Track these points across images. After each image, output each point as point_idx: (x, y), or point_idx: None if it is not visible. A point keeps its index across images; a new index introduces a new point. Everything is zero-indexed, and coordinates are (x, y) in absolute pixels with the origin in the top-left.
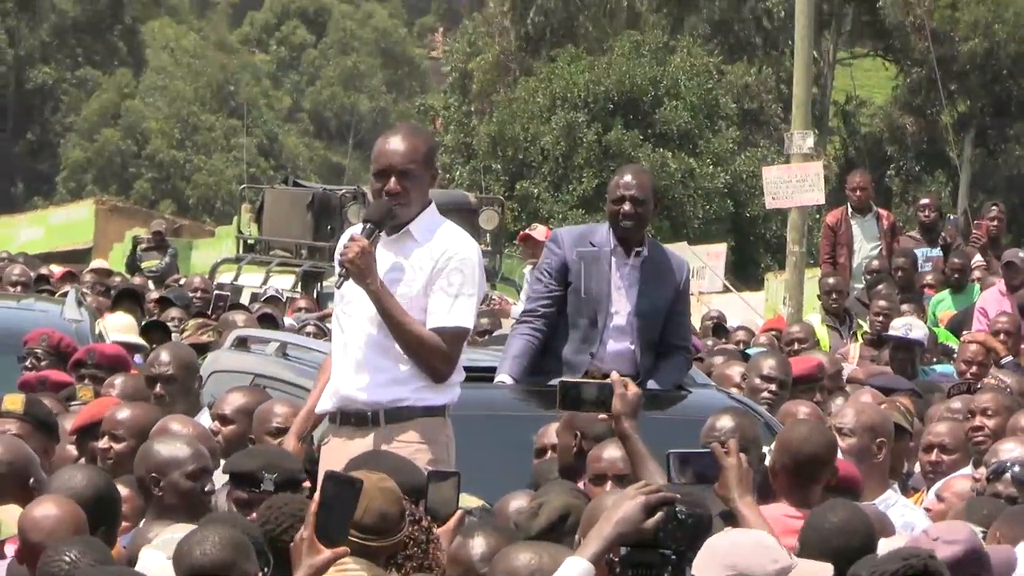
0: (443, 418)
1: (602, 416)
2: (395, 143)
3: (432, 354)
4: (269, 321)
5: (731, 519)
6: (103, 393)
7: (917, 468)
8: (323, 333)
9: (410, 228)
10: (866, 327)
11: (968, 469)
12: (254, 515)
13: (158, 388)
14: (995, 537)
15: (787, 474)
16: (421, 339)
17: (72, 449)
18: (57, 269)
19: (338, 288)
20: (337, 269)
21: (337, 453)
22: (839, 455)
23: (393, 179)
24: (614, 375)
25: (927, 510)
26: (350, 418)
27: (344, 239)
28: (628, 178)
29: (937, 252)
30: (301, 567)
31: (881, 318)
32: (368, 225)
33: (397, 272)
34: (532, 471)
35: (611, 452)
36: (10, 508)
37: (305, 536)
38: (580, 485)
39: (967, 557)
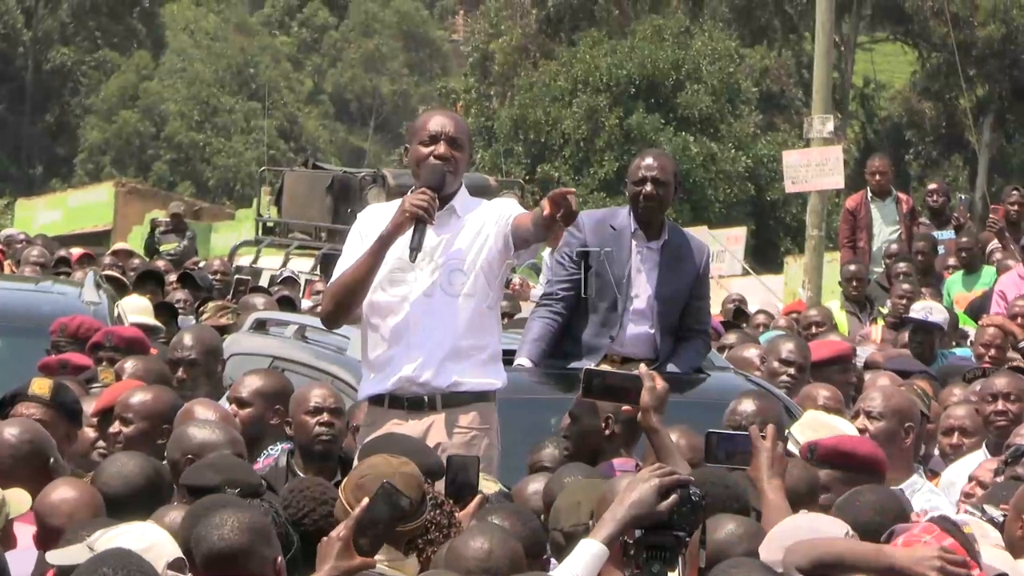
0: (494, 403)
1: (626, 408)
2: (445, 115)
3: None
4: (287, 303)
5: None
6: (116, 375)
7: (936, 451)
8: None
9: (454, 204)
10: (886, 311)
11: (980, 453)
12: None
13: (180, 372)
14: (1017, 516)
15: None
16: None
17: (90, 432)
18: (76, 251)
19: (413, 261)
20: (410, 243)
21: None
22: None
23: (443, 144)
24: (642, 367)
25: (967, 495)
26: (403, 402)
27: (369, 220)
28: (650, 160)
29: (950, 234)
30: (328, 566)
31: (904, 301)
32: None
33: (447, 250)
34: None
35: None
36: (17, 490)
37: (341, 536)
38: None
39: None
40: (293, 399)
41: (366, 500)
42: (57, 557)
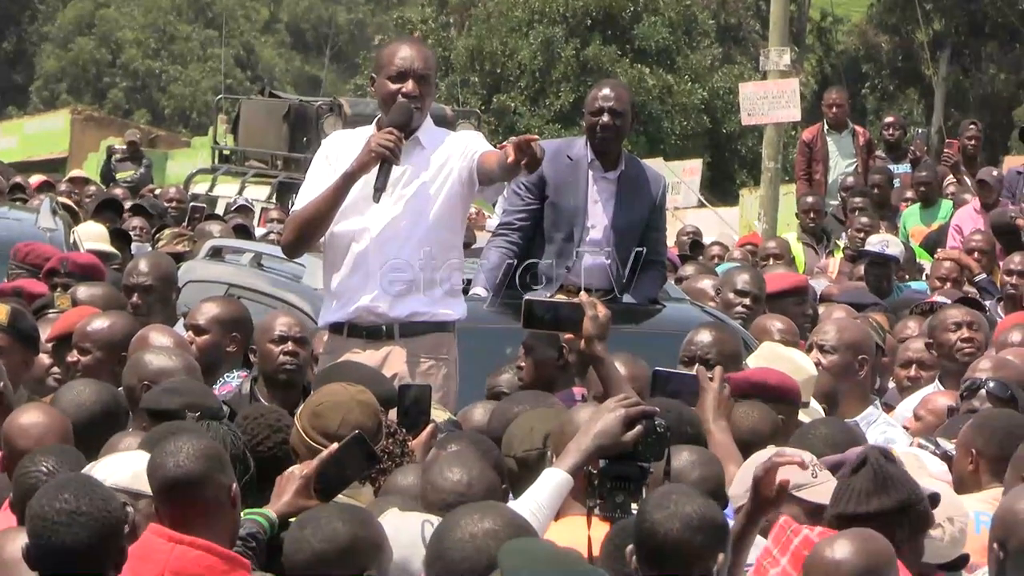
0: (453, 333)
1: (568, 336)
2: (413, 49)
3: None
4: (242, 231)
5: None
6: (72, 301)
7: (891, 384)
8: None
9: (419, 136)
10: (842, 244)
11: (934, 386)
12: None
13: (135, 298)
14: (966, 452)
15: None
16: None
17: (45, 358)
18: (35, 179)
19: (376, 201)
20: (374, 183)
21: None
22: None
23: (411, 81)
24: (583, 296)
25: (905, 428)
26: (361, 331)
27: (336, 145)
28: (607, 91)
29: (906, 167)
30: (284, 502)
31: (861, 234)
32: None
33: (411, 181)
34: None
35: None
36: None
37: (301, 475)
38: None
39: None
40: (258, 327)
41: (335, 445)
42: None
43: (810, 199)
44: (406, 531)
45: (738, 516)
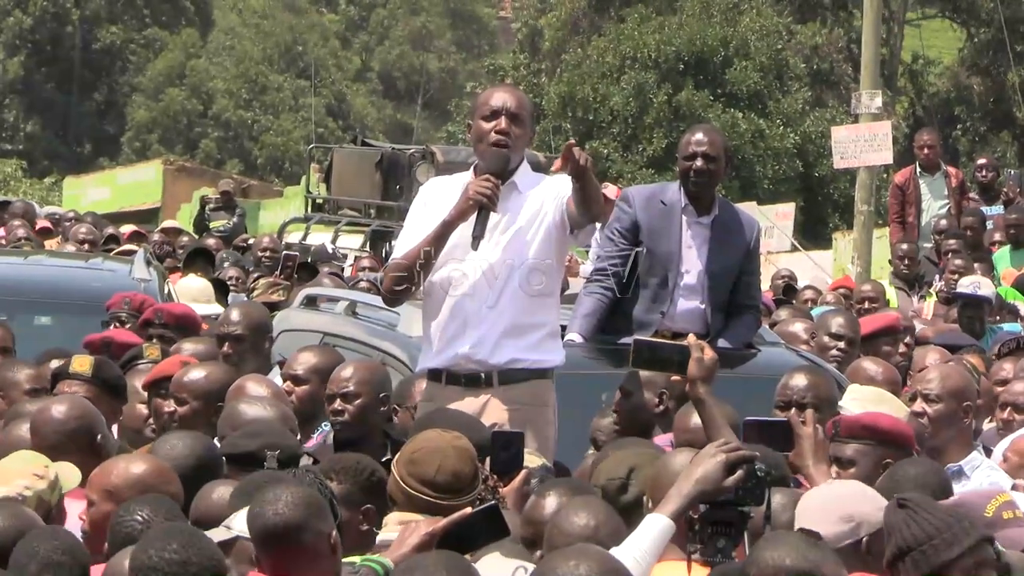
0: (551, 380)
1: (675, 378)
2: (507, 91)
3: None
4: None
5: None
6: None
7: (985, 425)
8: (378, 290)
9: (515, 180)
10: (935, 287)
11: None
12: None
13: (226, 347)
14: None
15: None
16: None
17: (142, 408)
18: (126, 229)
19: (475, 248)
20: (472, 230)
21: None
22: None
23: (504, 119)
24: (691, 338)
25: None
26: (460, 379)
27: (433, 191)
28: (700, 136)
29: (999, 209)
30: (403, 553)
31: (956, 277)
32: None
33: (509, 226)
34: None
35: (697, 420)
36: (67, 464)
37: (428, 530)
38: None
39: None
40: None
41: (469, 509)
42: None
43: (905, 246)
44: None
45: None
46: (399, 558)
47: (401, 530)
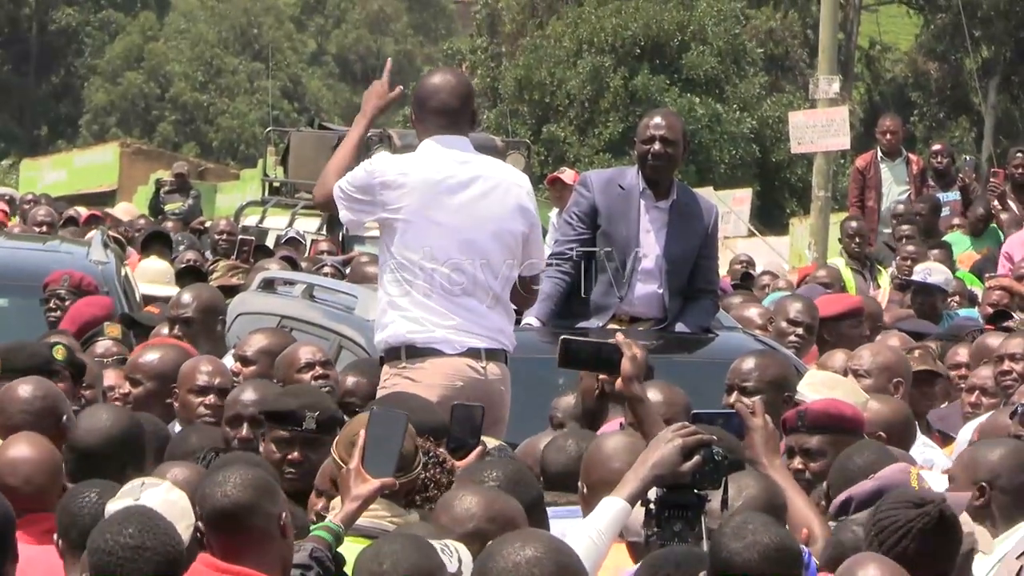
0: (504, 363)
1: (603, 377)
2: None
3: None
4: (290, 263)
5: None
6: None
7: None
8: (342, 275)
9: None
10: (891, 271)
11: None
12: (295, 454)
13: (176, 329)
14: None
15: None
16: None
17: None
18: (84, 212)
19: None
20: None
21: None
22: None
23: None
24: (619, 336)
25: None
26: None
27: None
28: (659, 119)
29: (955, 195)
30: (349, 497)
31: (908, 263)
32: None
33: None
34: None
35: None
36: None
37: (352, 467)
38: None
39: None
40: (282, 360)
41: (362, 432)
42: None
43: (854, 224)
44: None
45: None
46: (347, 517)
47: (341, 493)
